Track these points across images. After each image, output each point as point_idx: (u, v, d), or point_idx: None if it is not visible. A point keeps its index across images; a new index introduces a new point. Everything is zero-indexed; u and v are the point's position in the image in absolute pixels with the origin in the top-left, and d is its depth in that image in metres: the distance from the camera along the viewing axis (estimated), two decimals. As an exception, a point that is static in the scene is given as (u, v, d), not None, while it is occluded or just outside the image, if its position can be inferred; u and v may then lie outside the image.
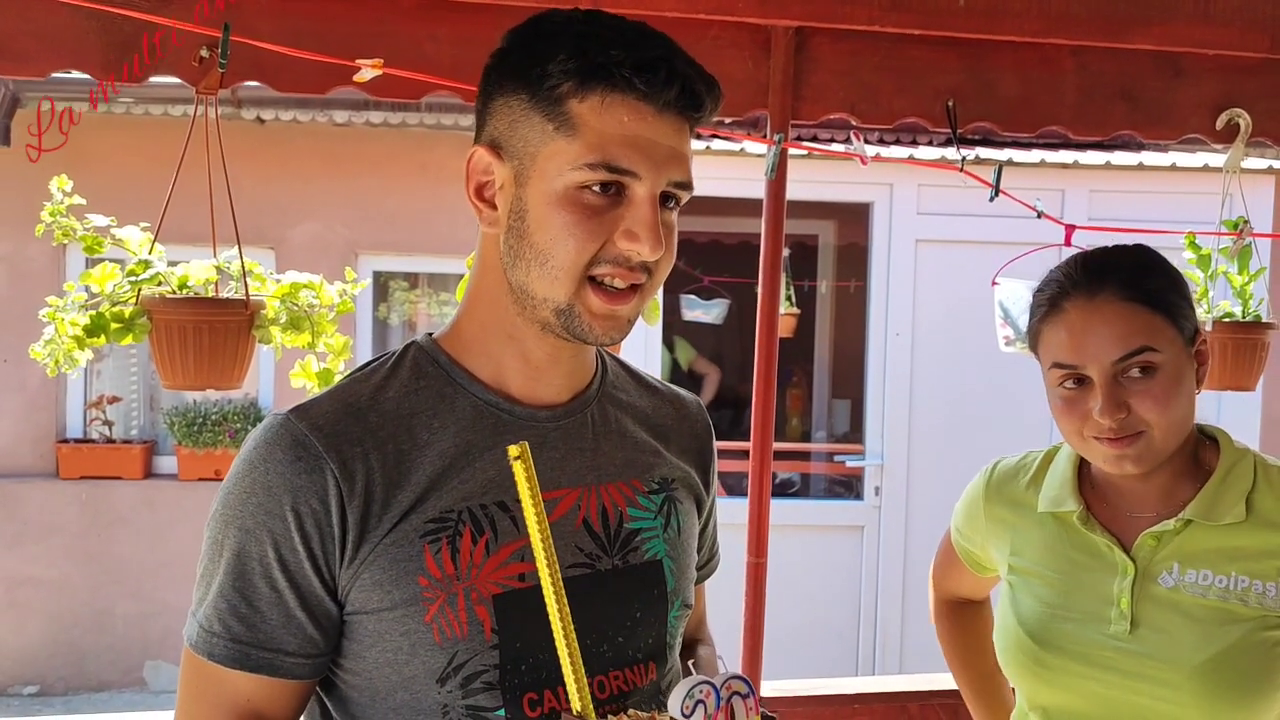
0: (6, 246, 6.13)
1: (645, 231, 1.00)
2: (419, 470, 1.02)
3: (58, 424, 6.31)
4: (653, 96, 0.99)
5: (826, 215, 6.85)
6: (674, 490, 1.17)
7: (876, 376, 5.87)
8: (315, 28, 2.05)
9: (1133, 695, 1.36)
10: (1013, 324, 2.36)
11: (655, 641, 1.12)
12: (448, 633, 1.00)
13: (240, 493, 1.01)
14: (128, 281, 2.05)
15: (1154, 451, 1.36)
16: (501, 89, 1.03)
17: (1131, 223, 4.37)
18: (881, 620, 5.92)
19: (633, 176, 0.99)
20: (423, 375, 1.08)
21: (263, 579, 1.00)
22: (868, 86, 2.31)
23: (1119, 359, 1.34)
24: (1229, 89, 2.41)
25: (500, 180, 1.04)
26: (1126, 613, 1.38)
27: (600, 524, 1.09)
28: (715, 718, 0.81)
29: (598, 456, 1.12)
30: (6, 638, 6.10)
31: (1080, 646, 1.39)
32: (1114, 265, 1.39)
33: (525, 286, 1.03)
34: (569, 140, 0.99)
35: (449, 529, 1.01)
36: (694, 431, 1.25)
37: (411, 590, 1.00)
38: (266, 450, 1.01)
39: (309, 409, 1.04)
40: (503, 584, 1.02)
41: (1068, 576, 1.44)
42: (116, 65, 2.03)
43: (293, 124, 6.01)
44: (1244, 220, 2.44)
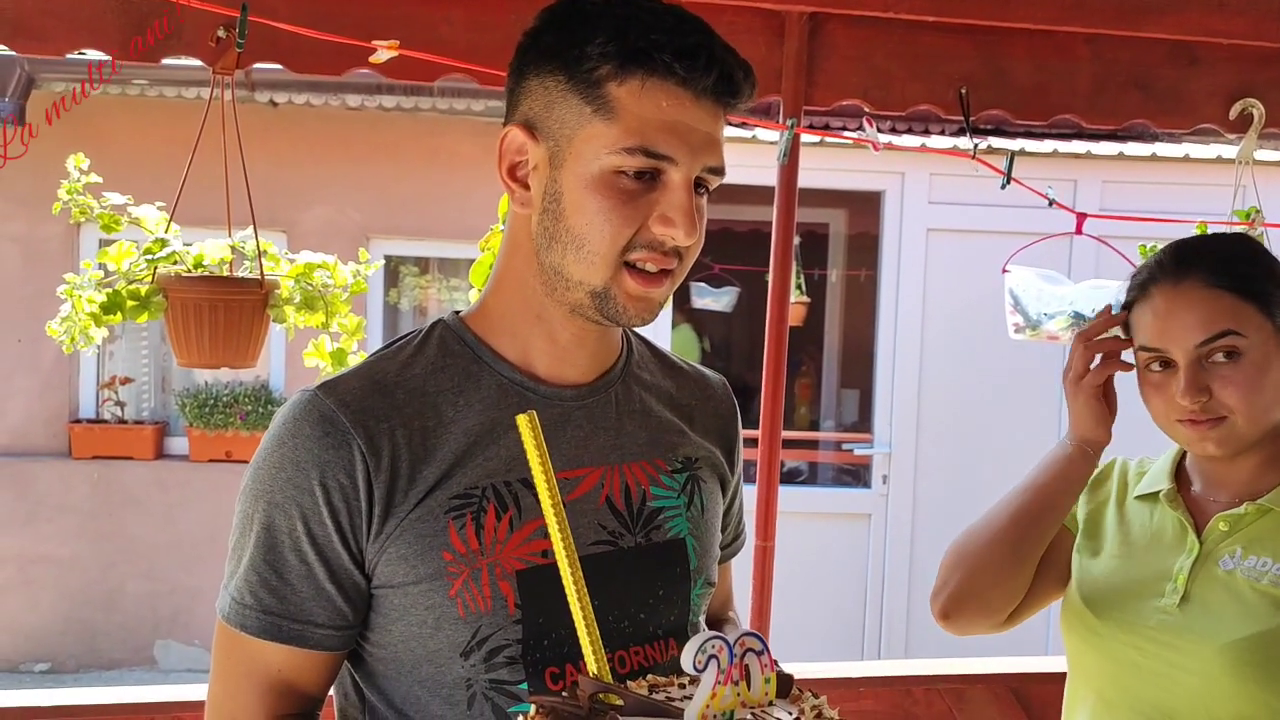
0: (21, 227, 6.16)
1: (681, 217, 1.00)
2: (444, 447, 1.04)
3: (70, 404, 6.35)
4: (691, 82, 0.99)
5: (837, 204, 6.85)
6: (698, 469, 1.18)
7: (885, 366, 5.87)
8: (331, 9, 2.06)
9: (1167, 667, 1.38)
10: (1022, 311, 2.37)
11: (677, 618, 1.12)
12: (472, 607, 1.01)
13: (270, 467, 1.03)
14: (144, 260, 2.07)
15: (1236, 436, 1.38)
16: (537, 69, 1.03)
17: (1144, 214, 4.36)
18: (887, 607, 5.94)
19: (669, 162, 1.00)
20: (449, 353, 1.09)
21: (292, 552, 1.02)
22: (881, 73, 2.31)
23: (1201, 342, 1.36)
24: (1243, 79, 2.40)
25: (535, 161, 1.03)
26: (1180, 588, 1.40)
27: (623, 502, 1.10)
28: (729, 673, 0.81)
29: (621, 436, 1.12)
30: (19, 615, 6.15)
31: (1129, 615, 1.42)
32: (1204, 252, 1.41)
33: (560, 269, 1.03)
34: (607, 123, 0.99)
35: (473, 505, 1.03)
36: (718, 411, 1.25)
37: (436, 565, 1.01)
38: (295, 426, 1.03)
39: (336, 385, 1.05)
40: (526, 560, 1.03)
41: (1138, 551, 1.47)
42: (134, 45, 2.04)
43: (305, 107, 6.02)
44: (1256, 210, 2.44)
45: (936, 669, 2.47)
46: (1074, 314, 2.30)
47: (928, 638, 5.87)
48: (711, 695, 0.79)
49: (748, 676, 0.82)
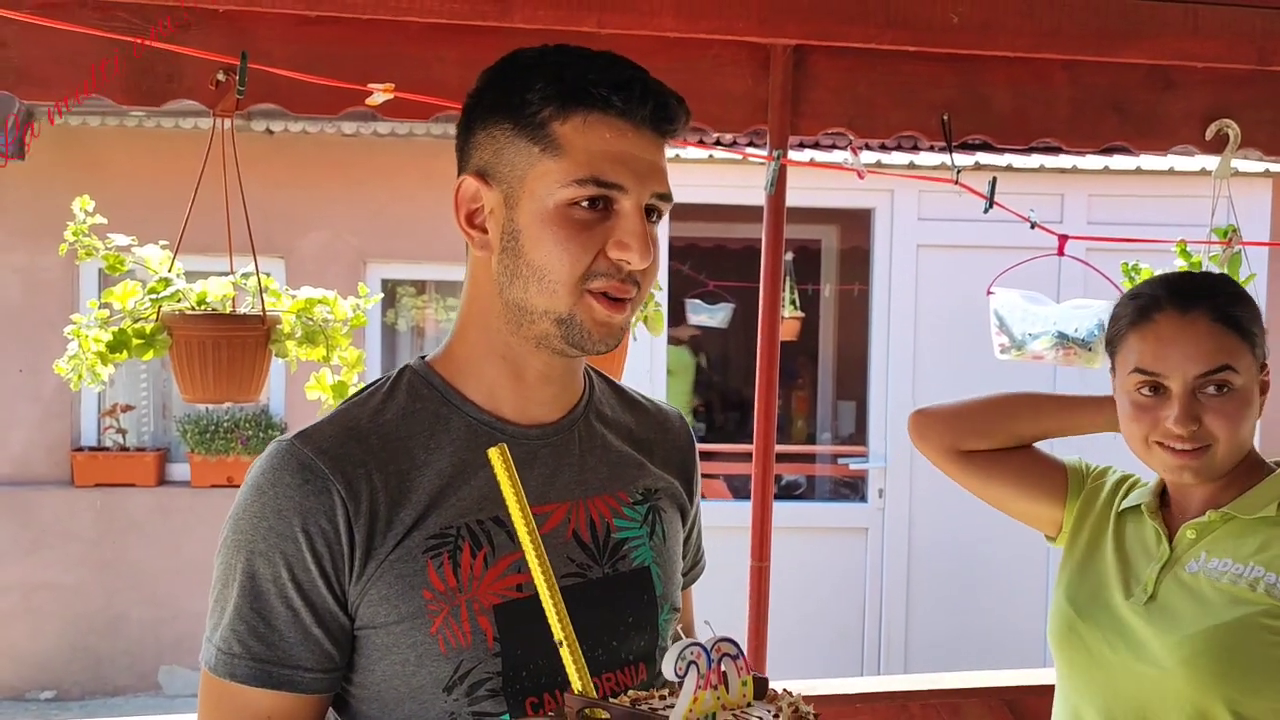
0: (22, 259, 6.21)
1: (635, 241, 1.05)
2: (419, 489, 1.07)
3: (73, 432, 6.39)
4: (629, 113, 1.04)
5: (829, 220, 6.91)
6: (658, 500, 1.22)
7: (879, 379, 5.92)
8: (328, 51, 2.11)
9: (1133, 661, 1.47)
10: (1007, 332, 2.42)
11: (646, 644, 1.17)
12: (452, 643, 1.05)
13: (250, 518, 1.06)
14: (149, 298, 2.12)
15: (1214, 466, 1.47)
16: (483, 121, 1.09)
17: (1131, 226, 4.42)
18: (885, 622, 5.97)
19: (619, 190, 1.04)
20: (418, 398, 1.13)
21: (279, 599, 1.04)
22: (865, 102, 2.37)
23: (1201, 374, 1.44)
24: (1218, 100, 2.46)
25: (490, 205, 1.09)
26: (1149, 589, 1.49)
27: (589, 535, 1.14)
28: (708, 678, 0.85)
29: (584, 471, 1.16)
30: (23, 643, 6.17)
31: (1103, 614, 1.52)
32: (1208, 289, 1.49)
33: (524, 302, 1.07)
34: (555, 160, 1.04)
35: (449, 544, 1.06)
36: (676, 445, 1.30)
37: (417, 603, 1.04)
38: (274, 475, 1.05)
39: (311, 434, 1.08)
40: (502, 595, 1.07)
41: (1119, 559, 1.56)
42: (137, 90, 2.10)
43: (301, 135, 6.08)
44: (1233, 229, 2.50)
45: (931, 683, 2.51)
46: (1058, 334, 2.35)
47: (927, 652, 5.90)
48: (693, 700, 0.83)
49: (725, 681, 0.86)
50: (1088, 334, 2.35)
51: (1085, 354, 2.35)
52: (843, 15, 2.19)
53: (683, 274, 6.54)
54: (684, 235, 6.35)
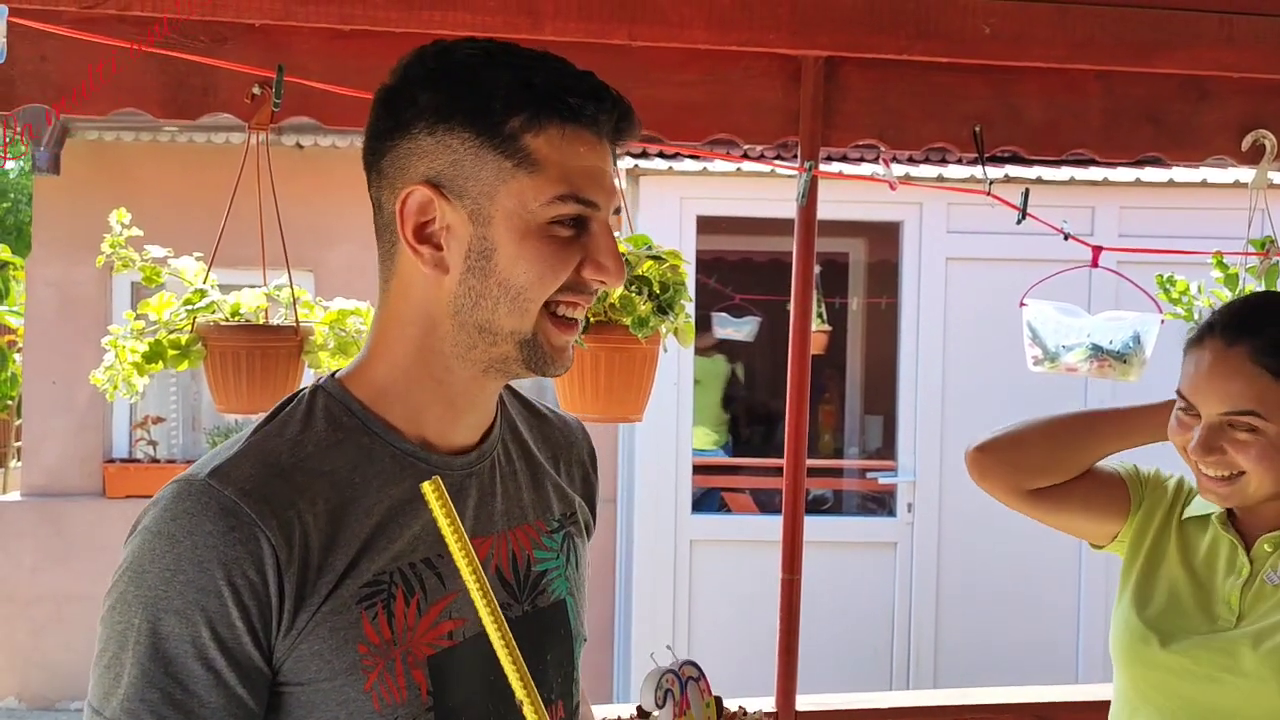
0: (55, 271, 6.29)
1: (612, 261, 1.01)
2: (349, 530, 0.98)
3: (104, 444, 6.45)
4: (598, 126, 1.00)
5: (857, 233, 6.89)
6: (572, 525, 1.18)
7: (908, 393, 5.89)
8: (361, 65, 2.12)
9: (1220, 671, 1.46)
10: (1040, 344, 2.40)
11: (564, 681, 1.12)
12: (387, 699, 0.97)
13: (161, 571, 0.94)
14: (184, 310, 2.15)
15: (1246, 495, 1.48)
16: (431, 126, 0.98)
17: (1163, 239, 4.38)
18: (914, 636, 5.92)
19: (594, 208, 1.00)
20: (339, 427, 1.02)
21: (197, 660, 0.93)
22: (896, 113, 2.36)
23: (1224, 413, 1.45)
24: (1254, 111, 2.44)
25: (448, 222, 0.99)
26: (1235, 608, 1.50)
27: (511, 570, 1.08)
28: (683, 703, 0.86)
29: (505, 500, 1.10)
30: (55, 654, 6.23)
31: (1183, 631, 1.51)
32: (1258, 324, 1.47)
33: (490, 324, 1.00)
34: (532, 176, 0.97)
35: (383, 592, 0.98)
36: (579, 457, 1.24)
37: (351, 659, 0.96)
38: (190, 522, 0.94)
39: (228, 472, 0.96)
40: (435, 644, 1.00)
41: (1192, 574, 1.56)
42: (173, 104, 2.12)
43: (331, 149, 6.14)
44: (1271, 240, 2.47)
45: (963, 699, 2.49)
46: (1092, 346, 2.33)
47: (957, 666, 5.85)
48: None
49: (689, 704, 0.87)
50: (1123, 346, 2.32)
51: (1120, 366, 2.33)
52: (874, 26, 2.19)
53: (709, 288, 6.54)
54: (710, 249, 6.35)
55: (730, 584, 5.60)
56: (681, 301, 2.15)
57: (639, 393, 2.18)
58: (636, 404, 2.18)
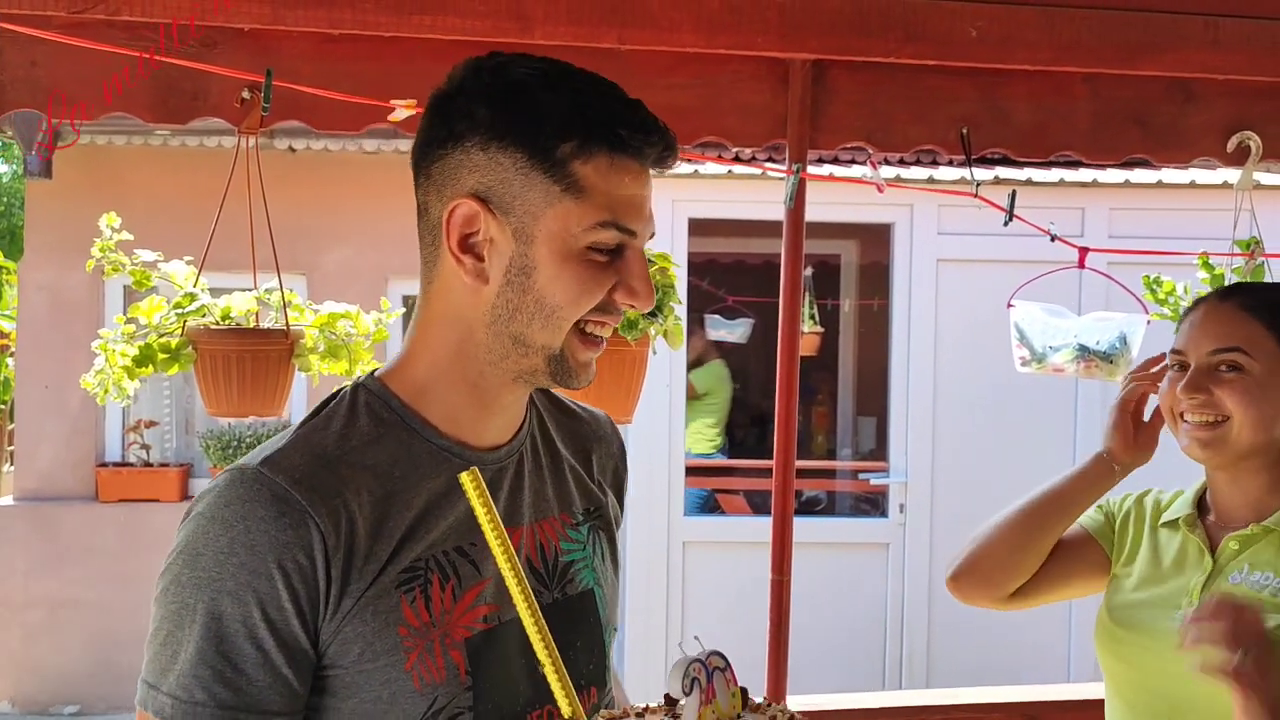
0: (47, 275, 6.29)
1: (644, 287, 1.05)
2: (392, 519, 1.03)
3: (97, 448, 6.44)
4: (644, 156, 1.03)
5: (848, 235, 6.91)
6: (599, 519, 1.23)
7: (900, 394, 5.90)
8: (351, 69, 2.13)
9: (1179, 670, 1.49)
10: (1028, 345, 2.41)
11: (595, 668, 1.17)
12: (426, 679, 1.02)
13: (214, 554, 0.98)
14: (174, 313, 2.15)
15: (1228, 441, 1.53)
16: (484, 143, 1.02)
17: (1153, 240, 4.40)
18: (907, 637, 5.94)
19: (632, 235, 1.04)
20: (380, 423, 1.08)
21: (248, 640, 0.98)
22: (884, 116, 2.37)
23: (1211, 351, 1.54)
24: (1239, 113, 2.45)
25: (492, 236, 1.04)
26: (1194, 600, 1.54)
27: (540, 560, 1.13)
28: (708, 693, 0.86)
29: (534, 494, 1.15)
30: (48, 658, 6.22)
31: (1148, 625, 1.58)
32: (1251, 287, 1.64)
33: (522, 336, 1.05)
34: (578, 201, 1.01)
35: (419, 578, 1.03)
36: (610, 452, 1.29)
37: (392, 640, 1.01)
38: (244, 508, 0.99)
39: (279, 462, 1.02)
40: (471, 627, 1.05)
41: (1161, 573, 1.63)
42: (163, 108, 2.13)
43: (323, 153, 6.14)
44: (1256, 240, 2.49)
45: (953, 699, 2.50)
46: (1079, 346, 2.35)
47: (949, 667, 5.86)
48: (698, 718, 0.85)
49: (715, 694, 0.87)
50: (1109, 347, 2.34)
51: (1107, 367, 2.34)
52: (862, 30, 2.20)
53: (701, 290, 6.55)
54: (703, 250, 6.36)
55: (723, 585, 5.61)
56: (670, 304, 2.16)
57: (629, 395, 2.19)
58: (626, 406, 2.19)
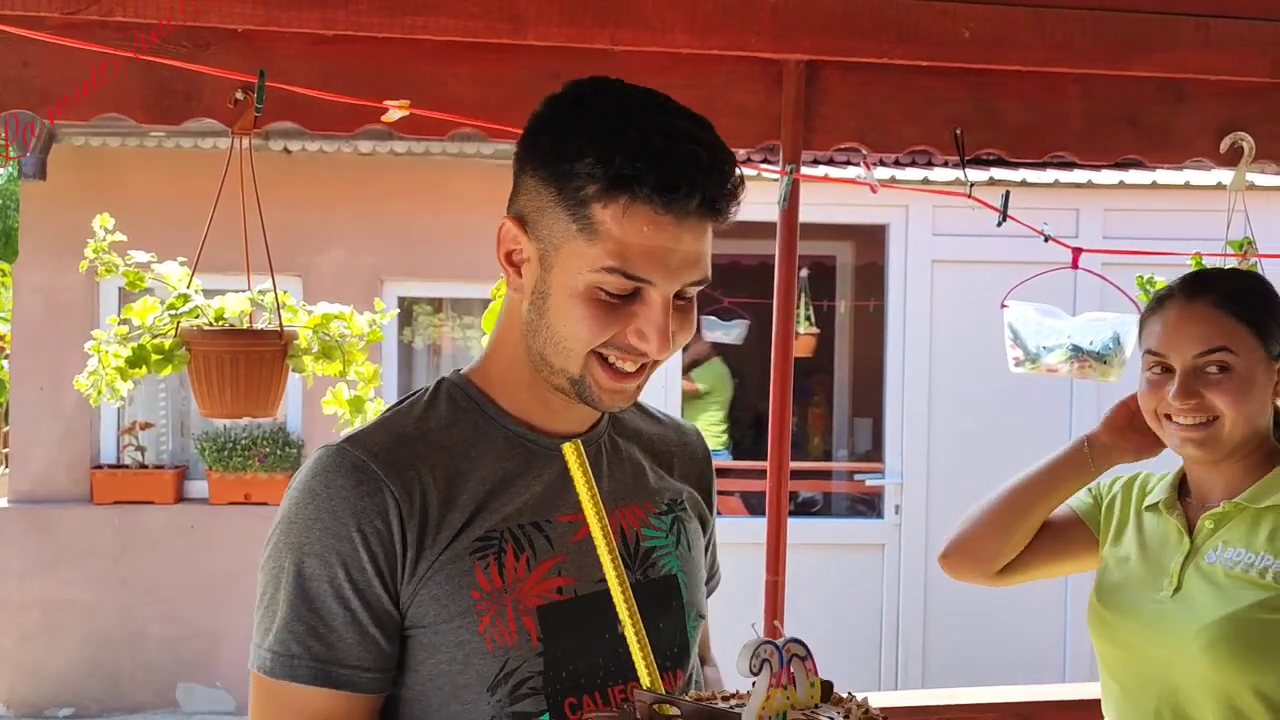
0: (43, 278, 6.28)
1: (655, 334, 1.07)
2: (464, 494, 1.11)
3: (92, 450, 6.43)
4: (673, 207, 1.03)
5: (844, 236, 6.92)
6: (681, 511, 1.27)
7: (895, 396, 5.91)
8: (344, 70, 2.13)
9: (1164, 650, 1.57)
10: (1022, 345, 2.42)
11: (679, 650, 1.21)
12: (499, 641, 1.08)
13: (304, 520, 1.08)
14: (167, 314, 2.15)
15: (1221, 440, 1.57)
16: (534, 169, 1.09)
17: (1147, 240, 4.41)
18: (903, 637, 5.94)
19: (647, 284, 1.06)
20: (458, 409, 1.17)
21: (335, 599, 1.06)
22: (877, 117, 2.37)
23: (1198, 354, 1.56)
24: (1232, 113, 2.45)
25: (527, 254, 1.11)
26: (1174, 581, 1.60)
27: (620, 542, 1.17)
28: (780, 676, 0.86)
29: (613, 482, 1.21)
30: (43, 660, 6.21)
31: (1133, 606, 1.63)
32: (1217, 280, 1.64)
33: (543, 355, 1.12)
34: (589, 243, 1.05)
35: (493, 546, 1.10)
36: (694, 457, 1.35)
37: (465, 603, 1.08)
38: (327, 478, 1.08)
39: (360, 439, 1.12)
40: (545, 596, 1.11)
41: (1144, 555, 1.67)
42: (156, 109, 2.12)
43: (319, 154, 6.13)
44: (1249, 241, 2.49)
45: (948, 699, 2.50)
46: (1072, 347, 2.35)
47: (944, 667, 5.86)
48: (766, 698, 0.85)
49: (794, 681, 0.87)
50: (1103, 347, 2.34)
51: (1100, 367, 2.35)
52: (855, 30, 2.20)
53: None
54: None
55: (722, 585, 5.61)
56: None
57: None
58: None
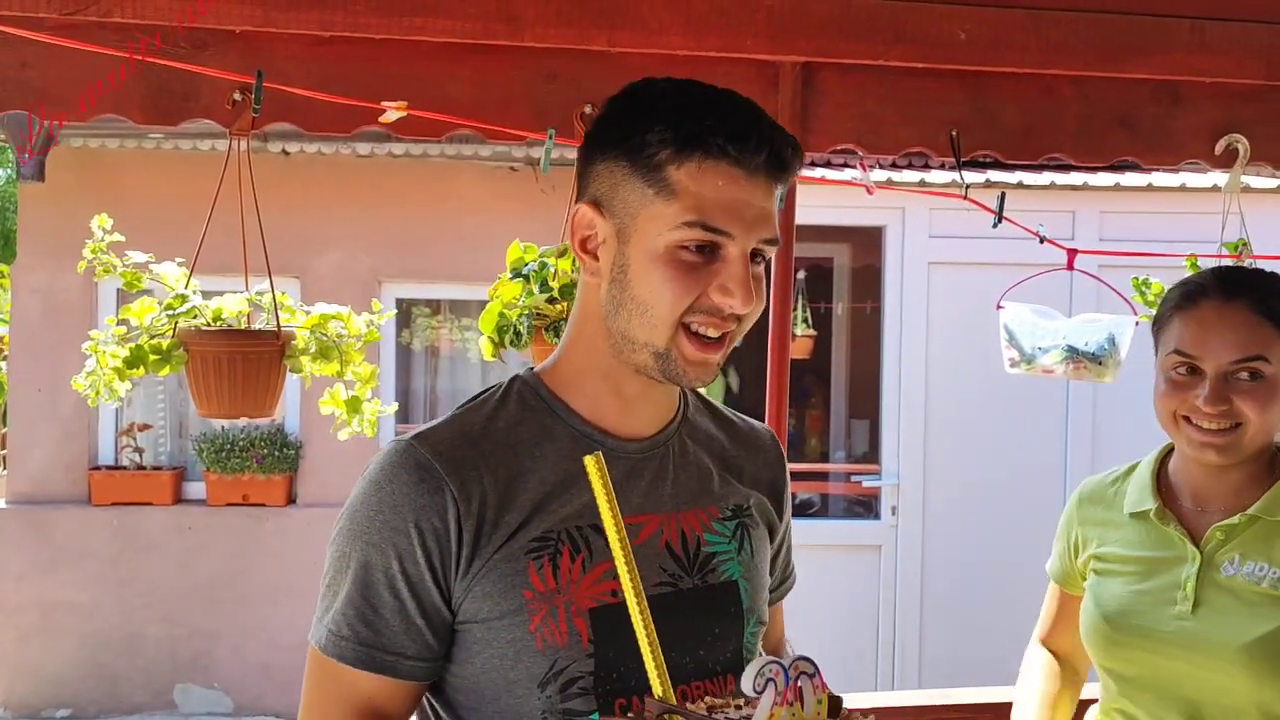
0: (42, 279, 6.28)
1: (738, 287, 1.09)
2: (525, 494, 1.13)
3: (90, 451, 6.43)
4: (744, 161, 1.08)
5: (841, 239, 6.92)
6: (747, 516, 1.27)
7: (891, 397, 5.92)
8: (342, 71, 2.14)
9: (1190, 667, 1.52)
10: (1017, 346, 2.43)
11: (734, 655, 1.21)
12: (550, 641, 1.11)
13: (368, 510, 1.12)
14: (165, 315, 2.15)
15: (1241, 446, 1.54)
16: (603, 154, 1.14)
17: (1143, 243, 4.42)
18: (899, 638, 5.95)
19: (726, 236, 1.09)
20: (527, 407, 1.20)
21: (387, 589, 1.11)
22: (873, 118, 2.38)
23: (1235, 360, 1.52)
24: (1227, 115, 2.46)
25: (603, 235, 1.14)
26: (1190, 595, 1.54)
27: (680, 547, 1.19)
28: (785, 694, 0.87)
29: (677, 486, 1.22)
30: (41, 661, 6.21)
31: (1148, 625, 1.57)
32: (1252, 282, 1.58)
33: (626, 332, 1.13)
34: (667, 203, 1.09)
35: (550, 547, 1.12)
36: (767, 462, 1.35)
37: (517, 601, 1.11)
38: (392, 472, 1.12)
39: (429, 436, 1.15)
40: (597, 599, 1.12)
41: (1144, 567, 1.61)
42: (154, 109, 2.13)
43: (317, 156, 6.14)
44: (1244, 242, 2.50)
45: (943, 699, 2.50)
46: (1067, 348, 2.36)
47: (941, 668, 5.87)
48: (769, 715, 0.86)
49: (801, 698, 0.88)
50: (1098, 348, 2.35)
51: (1095, 368, 2.36)
52: (851, 32, 2.21)
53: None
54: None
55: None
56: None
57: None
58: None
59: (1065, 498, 1.80)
